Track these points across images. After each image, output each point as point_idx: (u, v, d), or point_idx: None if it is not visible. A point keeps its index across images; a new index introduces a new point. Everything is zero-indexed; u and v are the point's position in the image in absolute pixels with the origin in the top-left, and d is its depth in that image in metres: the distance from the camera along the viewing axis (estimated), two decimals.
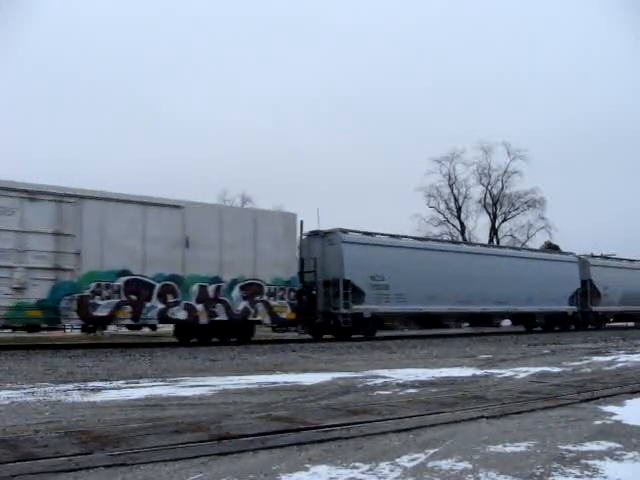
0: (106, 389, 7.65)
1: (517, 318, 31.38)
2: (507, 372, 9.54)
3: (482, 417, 5.31)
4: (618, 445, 4.28)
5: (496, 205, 53.81)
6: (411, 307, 24.20)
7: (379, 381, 8.30)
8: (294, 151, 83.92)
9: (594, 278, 32.53)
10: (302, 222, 24.07)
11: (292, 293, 20.30)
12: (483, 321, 30.04)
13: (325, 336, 22.85)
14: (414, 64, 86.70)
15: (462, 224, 53.92)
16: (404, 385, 7.82)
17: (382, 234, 25.18)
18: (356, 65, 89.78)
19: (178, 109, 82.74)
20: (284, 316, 20.10)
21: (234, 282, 18.98)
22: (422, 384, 7.96)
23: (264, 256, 19.66)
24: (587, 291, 32.30)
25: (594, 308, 32.46)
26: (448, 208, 53.96)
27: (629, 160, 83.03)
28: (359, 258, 22.55)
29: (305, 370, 10.22)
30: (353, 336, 22.31)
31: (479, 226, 54.35)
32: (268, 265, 19.72)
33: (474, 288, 26.08)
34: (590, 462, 3.80)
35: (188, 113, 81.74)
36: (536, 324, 31.08)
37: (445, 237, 51.01)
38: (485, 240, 51.41)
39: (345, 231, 23.38)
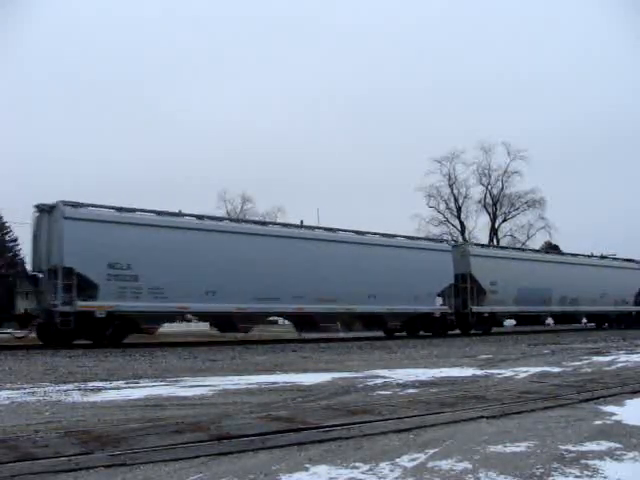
0: (106, 389, 7.65)
1: (367, 320, 23.86)
2: (507, 372, 9.54)
3: (482, 417, 5.31)
4: (618, 445, 4.27)
5: (496, 205, 53.88)
6: (175, 305, 18.50)
7: (379, 381, 8.30)
8: (294, 151, 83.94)
9: (476, 272, 25.89)
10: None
11: None
12: (308, 323, 22.13)
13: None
14: (414, 64, 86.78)
15: (462, 224, 54.00)
16: (404, 385, 7.82)
17: (143, 210, 18.87)
18: (356, 65, 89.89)
19: (178, 109, 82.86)
20: None
21: None
22: (422, 384, 7.95)
23: None
24: (467, 288, 25.72)
25: (476, 308, 25.77)
26: (448, 208, 54.04)
27: (629, 160, 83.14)
28: (92, 240, 17.12)
29: (305, 370, 10.22)
30: (78, 342, 17.17)
31: (479, 226, 54.44)
32: None
33: (285, 282, 20.21)
34: (590, 462, 3.80)
35: (188, 113, 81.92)
36: (394, 328, 24.15)
37: (445, 237, 51.03)
38: (485, 241, 51.37)
39: (76, 204, 17.52)
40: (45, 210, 17.59)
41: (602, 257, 36.22)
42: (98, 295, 17.11)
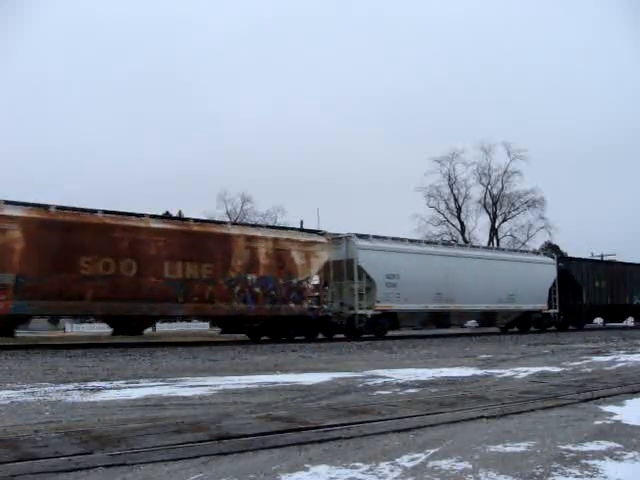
0: (106, 389, 7.64)
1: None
2: (507, 372, 9.54)
3: (482, 417, 5.30)
4: (618, 445, 4.27)
5: (496, 205, 53.89)
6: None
7: (379, 381, 8.30)
8: (294, 151, 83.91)
9: None
10: (302, 222, 24.28)
11: None
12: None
13: None
14: (413, 64, 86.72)
15: (462, 224, 54.00)
16: (404, 385, 7.82)
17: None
18: (355, 66, 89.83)
19: (178, 109, 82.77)
20: None
21: None
22: (422, 384, 7.95)
23: None
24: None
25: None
26: (448, 208, 54.07)
27: (629, 160, 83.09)
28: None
29: (305, 370, 10.22)
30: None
31: (479, 226, 54.43)
32: None
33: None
34: (590, 462, 3.80)
35: (187, 113, 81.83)
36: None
37: (445, 237, 51.03)
38: (485, 240, 51.33)
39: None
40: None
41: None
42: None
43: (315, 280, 21.72)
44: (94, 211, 17.75)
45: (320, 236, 22.82)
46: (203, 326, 34.74)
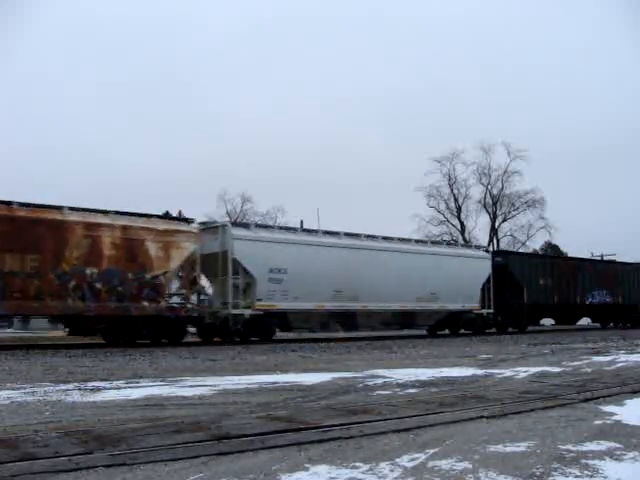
0: (106, 389, 7.65)
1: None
2: (507, 372, 9.54)
3: (482, 417, 5.30)
4: (618, 445, 4.27)
5: (496, 205, 53.87)
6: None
7: (379, 381, 8.30)
8: (294, 151, 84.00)
9: None
10: (302, 222, 24.27)
11: None
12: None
13: None
14: (413, 65, 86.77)
15: (462, 224, 53.99)
16: (404, 385, 7.82)
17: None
18: (356, 66, 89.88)
19: (178, 109, 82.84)
20: None
21: None
22: (422, 384, 7.95)
23: None
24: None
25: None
26: (448, 208, 54.05)
27: (629, 160, 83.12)
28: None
29: (305, 370, 10.22)
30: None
31: (479, 226, 54.43)
32: None
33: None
34: (590, 462, 3.80)
35: (187, 113, 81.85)
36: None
37: (445, 237, 51.07)
38: (485, 241, 51.36)
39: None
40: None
41: None
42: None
43: (180, 275, 19.18)
44: None
45: (185, 224, 19.95)
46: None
